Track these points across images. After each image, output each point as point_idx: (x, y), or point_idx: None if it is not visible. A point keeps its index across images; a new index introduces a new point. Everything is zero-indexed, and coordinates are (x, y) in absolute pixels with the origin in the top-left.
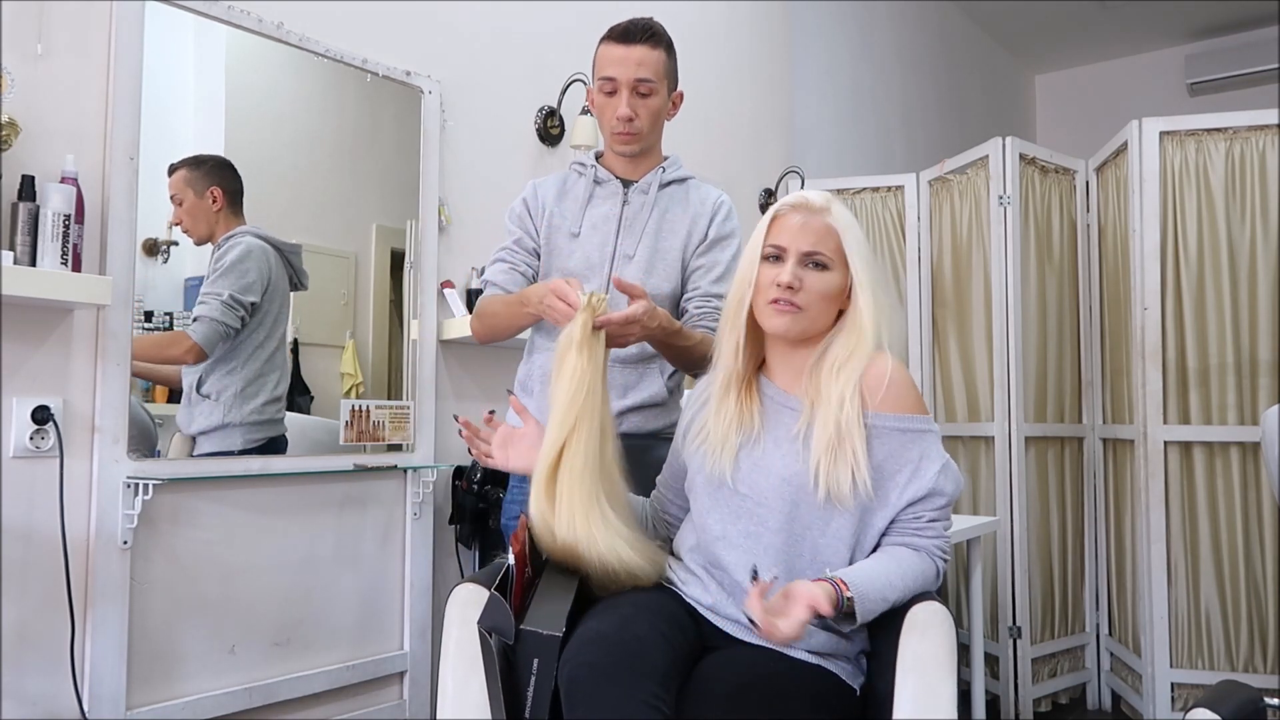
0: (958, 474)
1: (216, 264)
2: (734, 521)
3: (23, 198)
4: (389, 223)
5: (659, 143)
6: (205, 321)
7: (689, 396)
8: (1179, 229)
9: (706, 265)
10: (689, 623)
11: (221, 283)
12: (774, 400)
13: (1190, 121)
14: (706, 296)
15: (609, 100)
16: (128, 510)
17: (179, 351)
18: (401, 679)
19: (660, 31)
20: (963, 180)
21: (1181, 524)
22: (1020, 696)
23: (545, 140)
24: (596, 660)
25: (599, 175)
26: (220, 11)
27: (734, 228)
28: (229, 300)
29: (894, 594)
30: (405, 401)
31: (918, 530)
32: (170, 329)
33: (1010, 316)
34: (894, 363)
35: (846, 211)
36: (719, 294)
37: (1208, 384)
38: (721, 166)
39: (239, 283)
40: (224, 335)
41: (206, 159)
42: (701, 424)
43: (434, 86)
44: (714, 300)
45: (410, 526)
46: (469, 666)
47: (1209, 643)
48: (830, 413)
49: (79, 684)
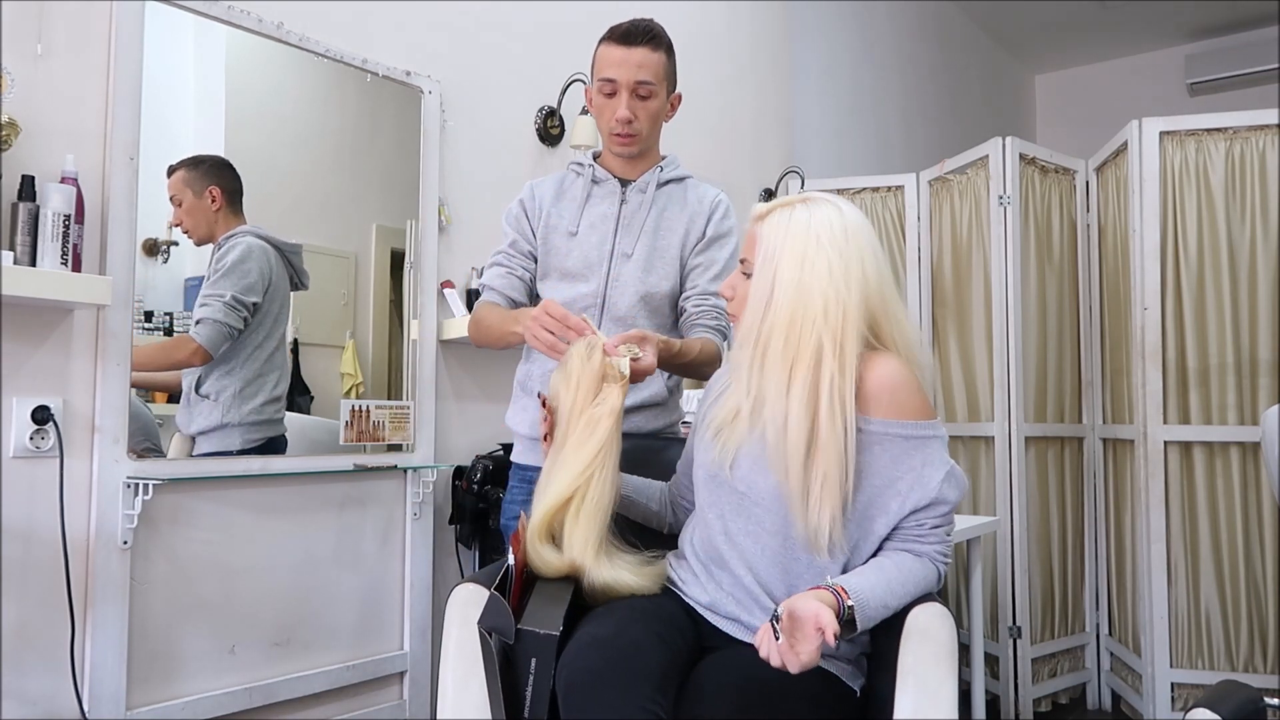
0: (962, 479)
1: (217, 264)
2: (733, 518)
3: (23, 198)
4: (389, 223)
5: (657, 143)
6: (209, 324)
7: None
8: (1179, 229)
9: (704, 264)
10: (687, 624)
11: (223, 284)
12: None
13: (1190, 121)
14: (705, 294)
15: (608, 101)
16: (128, 510)
17: (184, 355)
18: (401, 679)
19: (661, 33)
20: (963, 180)
21: (1181, 524)
22: (1020, 696)
23: (545, 140)
24: (594, 665)
25: (597, 175)
26: (220, 11)
27: (732, 226)
28: (231, 301)
29: (894, 600)
30: (405, 401)
31: (920, 537)
32: (170, 330)
33: (1010, 316)
34: (895, 363)
35: (787, 220)
36: (715, 292)
37: (1208, 384)
38: (721, 166)
39: (240, 283)
40: (228, 336)
41: (205, 159)
42: (713, 414)
43: (434, 86)
44: (712, 298)
45: (410, 526)
46: (469, 666)
47: (1209, 643)
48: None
49: (79, 684)
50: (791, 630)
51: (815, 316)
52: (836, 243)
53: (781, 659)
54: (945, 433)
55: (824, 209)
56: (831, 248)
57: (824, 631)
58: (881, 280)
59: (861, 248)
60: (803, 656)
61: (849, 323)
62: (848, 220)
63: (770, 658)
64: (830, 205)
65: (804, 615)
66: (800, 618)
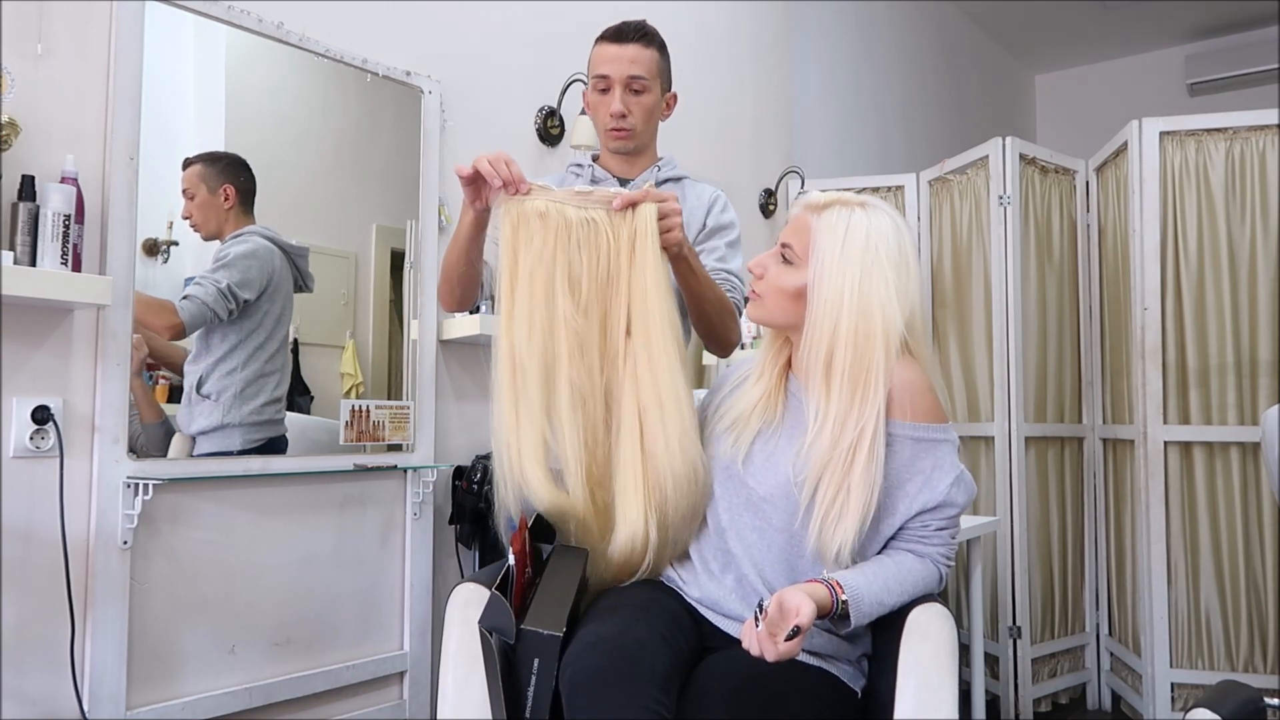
0: (971, 484)
1: (220, 254)
2: (741, 513)
3: (23, 198)
4: (389, 223)
5: (654, 142)
6: (195, 302)
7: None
8: (1179, 229)
9: (707, 250)
10: (689, 623)
11: (222, 272)
12: (794, 396)
13: (1190, 121)
14: (713, 270)
15: (602, 98)
16: (128, 510)
17: (160, 322)
18: (401, 679)
19: (652, 32)
20: (963, 180)
21: (1181, 524)
22: (1020, 696)
23: (545, 140)
24: (597, 665)
25: (596, 174)
26: (220, 11)
27: (731, 218)
28: (225, 290)
29: (891, 598)
30: (405, 401)
31: (924, 538)
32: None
33: (1010, 316)
34: (915, 368)
35: (845, 218)
36: (724, 269)
37: (1208, 384)
38: (721, 166)
39: (239, 276)
40: (208, 321)
41: (222, 156)
42: (725, 411)
43: (434, 86)
44: (721, 273)
45: (410, 526)
46: (469, 666)
47: (1209, 643)
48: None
49: (79, 684)
50: (778, 621)
51: (875, 333)
52: (893, 259)
53: (760, 648)
54: (957, 437)
55: (882, 220)
56: (889, 264)
57: (800, 624)
58: (922, 293)
59: (911, 263)
60: (780, 646)
61: (896, 337)
62: (903, 235)
63: (751, 646)
64: (888, 217)
65: (787, 606)
66: (784, 608)
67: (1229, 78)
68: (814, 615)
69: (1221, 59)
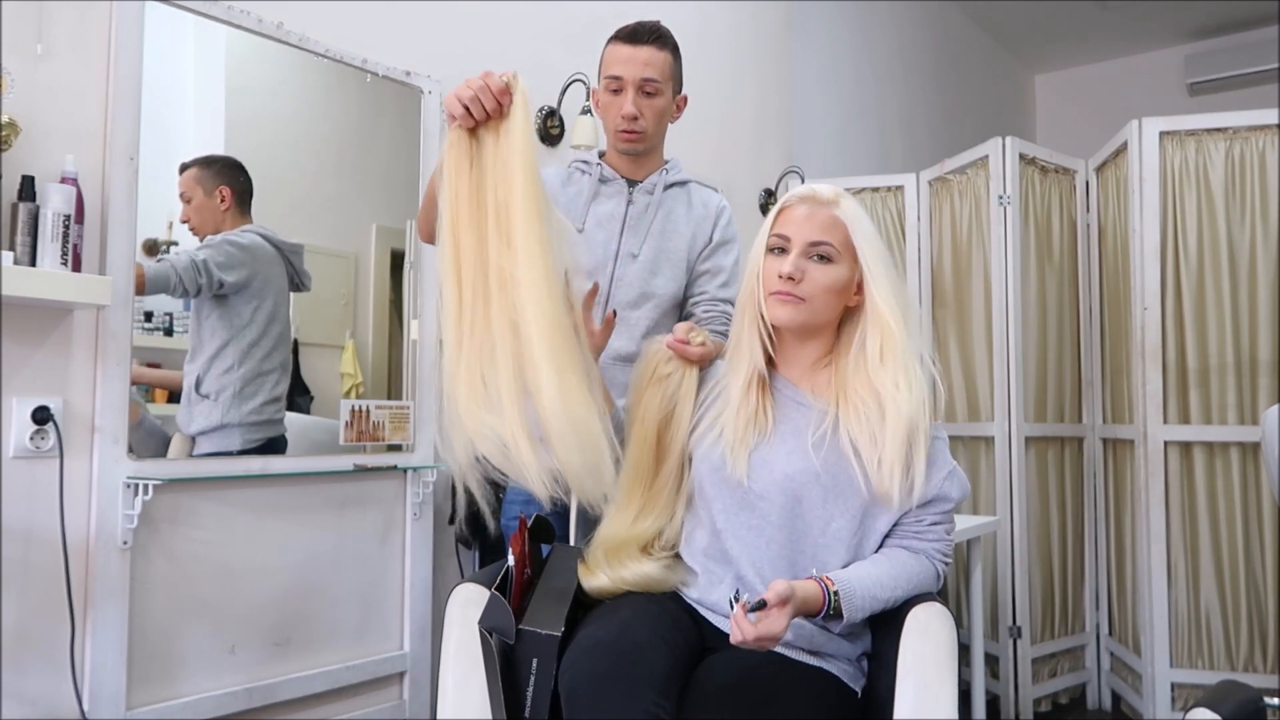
0: (964, 480)
1: (209, 240)
2: (737, 513)
3: (23, 198)
4: (389, 223)
5: (661, 144)
6: (165, 264)
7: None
8: (1179, 229)
9: (712, 270)
10: (689, 624)
11: (203, 251)
12: (788, 397)
13: (1190, 121)
14: (714, 301)
15: (614, 99)
16: (128, 510)
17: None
18: (401, 679)
19: (667, 35)
20: (963, 180)
21: (1181, 524)
22: (1020, 696)
23: (545, 140)
24: (597, 668)
25: (604, 173)
26: (220, 11)
27: (734, 233)
28: (200, 263)
29: (884, 593)
30: (405, 401)
31: (918, 534)
32: (170, 330)
33: (1010, 316)
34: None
35: (857, 205)
36: (726, 299)
37: (1208, 384)
38: (721, 166)
39: (219, 258)
40: (171, 288)
41: (217, 159)
42: (714, 419)
43: (434, 86)
44: (720, 305)
45: (410, 527)
46: (469, 666)
47: (1209, 643)
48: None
49: (79, 684)
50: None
51: (913, 305)
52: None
53: (741, 632)
54: (946, 435)
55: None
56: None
57: (766, 598)
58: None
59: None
60: (759, 628)
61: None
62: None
63: (733, 634)
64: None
65: (774, 593)
66: (768, 597)
67: (1229, 78)
68: (787, 593)
69: (1221, 59)
